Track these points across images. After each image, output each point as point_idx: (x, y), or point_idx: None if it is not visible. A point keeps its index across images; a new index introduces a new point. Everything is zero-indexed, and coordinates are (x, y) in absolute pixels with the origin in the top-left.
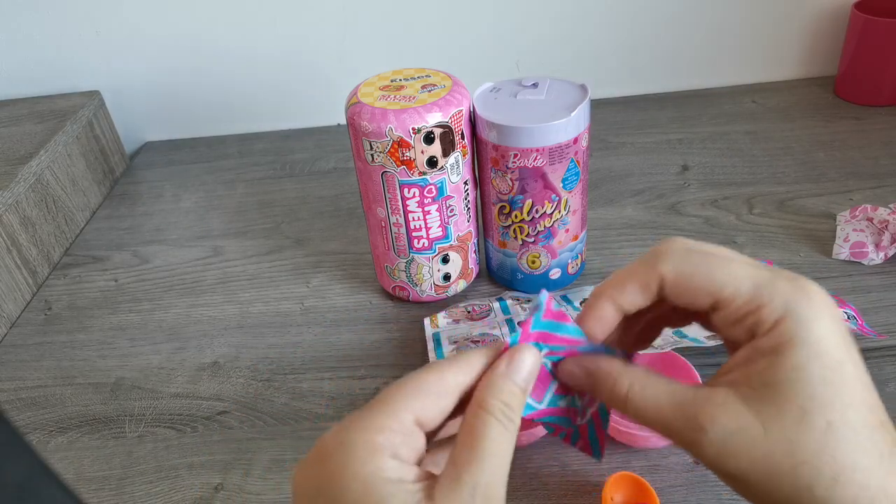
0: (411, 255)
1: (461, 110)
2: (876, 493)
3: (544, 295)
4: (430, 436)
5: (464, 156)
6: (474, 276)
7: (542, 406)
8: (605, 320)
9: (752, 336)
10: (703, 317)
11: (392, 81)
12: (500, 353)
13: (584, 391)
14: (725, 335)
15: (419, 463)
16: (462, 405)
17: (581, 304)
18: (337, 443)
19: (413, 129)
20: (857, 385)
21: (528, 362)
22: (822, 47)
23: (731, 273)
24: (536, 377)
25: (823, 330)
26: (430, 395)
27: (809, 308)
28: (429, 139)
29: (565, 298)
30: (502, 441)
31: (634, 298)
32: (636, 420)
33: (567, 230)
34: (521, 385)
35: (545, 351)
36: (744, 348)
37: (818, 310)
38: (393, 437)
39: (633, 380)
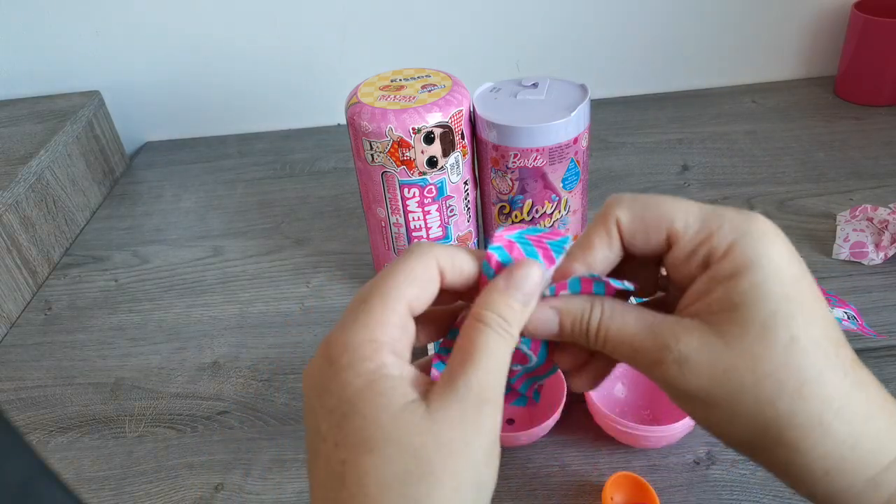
0: None
1: (461, 110)
2: (840, 406)
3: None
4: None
5: (464, 156)
6: None
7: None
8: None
9: (706, 267)
10: (661, 262)
11: (392, 81)
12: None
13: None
14: (682, 274)
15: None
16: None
17: None
18: (341, 344)
19: (413, 129)
20: (817, 301)
21: (532, 278)
22: (822, 47)
23: (680, 207)
24: (540, 294)
25: (776, 248)
26: (420, 282)
27: (759, 231)
28: (429, 139)
29: None
30: (497, 348)
31: (601, 253)
32: (605, 349)
33: (567, 230)
34: (520, 301)
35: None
36: (699, 280)
37: (768, 232)
38: (392, 331)
39: (604, 308)
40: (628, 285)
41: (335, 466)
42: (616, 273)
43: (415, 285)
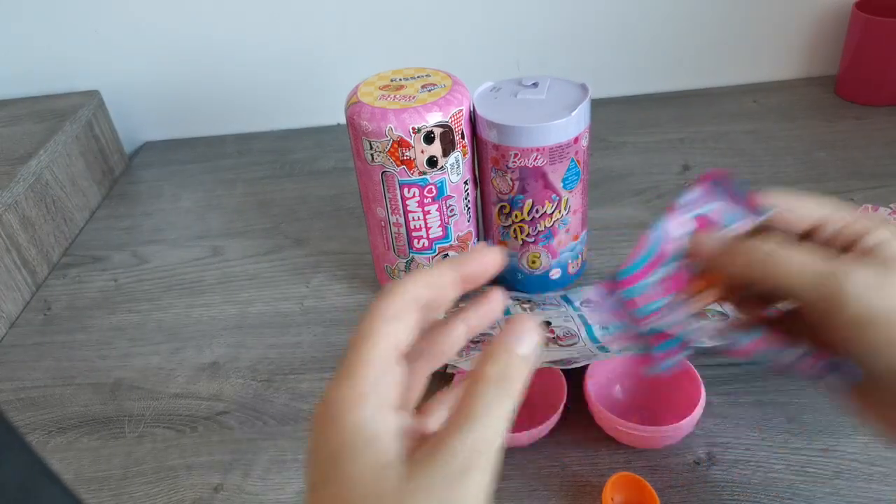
0: (411, 255)
1: (461, 110)
2: None
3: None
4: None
5: (464, 155)
6: None
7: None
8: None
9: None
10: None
11: (392, 81)
12: (466, 262)
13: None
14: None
15: (404, 400)
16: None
17: (581, 304)
18: (328, 397)
19: (413, 128)
20: None
21: (533, 335)
22: (822, 47)
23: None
24: (537, 345)
25: None
26: (392, 318)
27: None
28: (429, 139)
29: (565, 299)
30: (496, 407)
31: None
32: (770, 279)
33: (567, 230)
34: (521, 354)
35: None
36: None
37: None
38: (372, 380)
39: (774, 244)
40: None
41: None
42: None
43: (391, 323)
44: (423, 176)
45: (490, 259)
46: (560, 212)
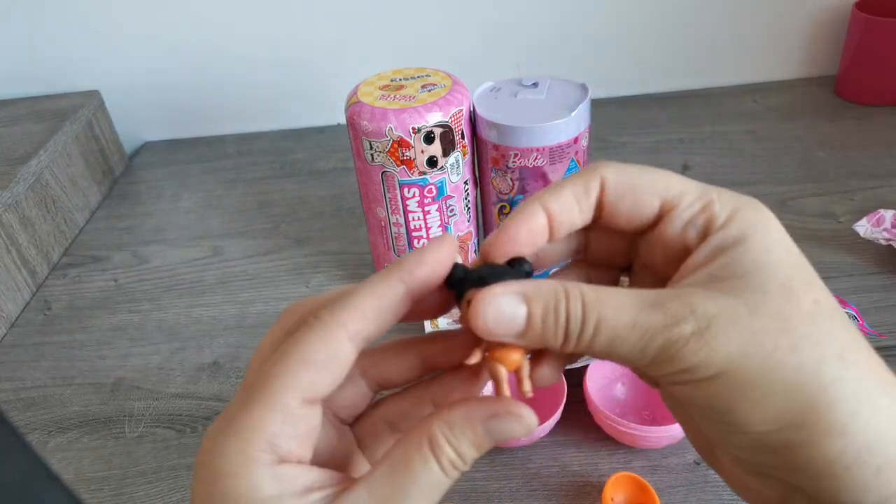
0: None
1: (461, 110)
2: (886, 382)
3: None
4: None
5: (464, 155)
6: None
7: None
8: (534, 230)
9: (704, 238)
10: (640, 234)
11: (392, 81)
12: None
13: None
14: (672, 249)
15: (315, 443)
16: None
17: None
18: (210, 451)
19: (413, 128)
20: (819, 278)
21: (523, 424)
22: (822, 47)
23: (674, 177)
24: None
25: (775, 222)
26: (318, 365)
27: (757, 204)
28: (429, 139)
29: None
30: (433, 491)
31: (569, 206)
32: (595, 343)
33: None
34: (491, 443)
35: None
36: (698, 251)
37: (763, 207)
38: (273, 432)
39: (583, 291)
40: None
41: None
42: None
43: (310, 369)
44: (423, 176)
45: (442, 255)
46: None
